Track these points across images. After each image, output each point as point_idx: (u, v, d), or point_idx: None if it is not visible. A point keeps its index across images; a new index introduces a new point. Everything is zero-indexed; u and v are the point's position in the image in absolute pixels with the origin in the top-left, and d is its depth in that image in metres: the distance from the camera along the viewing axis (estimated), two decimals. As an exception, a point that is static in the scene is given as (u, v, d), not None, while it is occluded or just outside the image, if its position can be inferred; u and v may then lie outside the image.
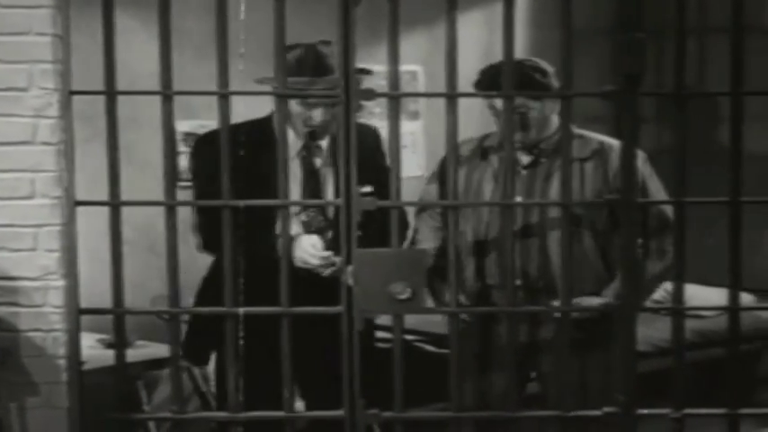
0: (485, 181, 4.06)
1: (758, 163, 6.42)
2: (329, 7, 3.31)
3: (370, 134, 3.91)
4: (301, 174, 3.84)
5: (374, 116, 5.43)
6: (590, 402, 3.43)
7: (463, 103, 3.19)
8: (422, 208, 4.16)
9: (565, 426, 3.27)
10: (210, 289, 3.74)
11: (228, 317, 3.20)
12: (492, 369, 3.99)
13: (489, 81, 3.87)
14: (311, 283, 3.69)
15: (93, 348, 4.74)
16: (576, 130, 3.95)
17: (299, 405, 3.83)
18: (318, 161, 3.88)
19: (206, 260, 5.74)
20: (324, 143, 3.90)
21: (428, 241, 4.03)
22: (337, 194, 3.40)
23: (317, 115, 3.79)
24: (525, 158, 4.04)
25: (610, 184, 3.95)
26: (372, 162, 3.62)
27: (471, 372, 4.00)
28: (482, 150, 4.12)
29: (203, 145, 3.83)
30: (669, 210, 3.65)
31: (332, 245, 3.81)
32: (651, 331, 5.89)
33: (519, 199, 3.78)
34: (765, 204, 3.25)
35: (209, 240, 3.70)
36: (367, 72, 3.68)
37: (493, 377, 3.99)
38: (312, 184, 3.86)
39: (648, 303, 4.12)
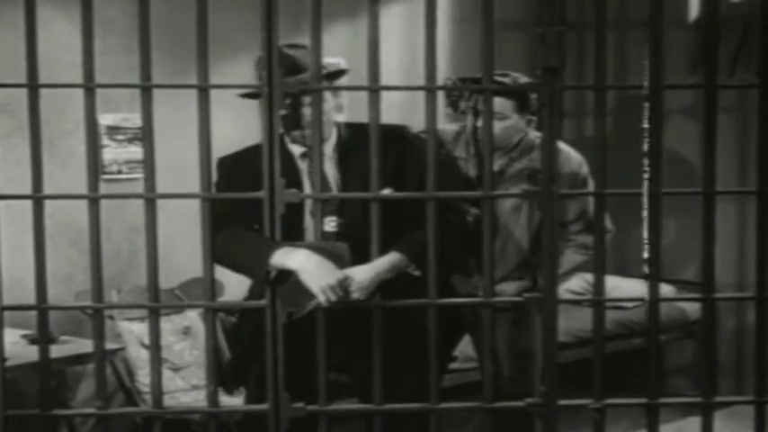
0: None
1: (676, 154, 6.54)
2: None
3: (396, 135, 3.67)
4: (308, 177, 3.68)
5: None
6: None
7: (386, 96, 3.21)
8: None
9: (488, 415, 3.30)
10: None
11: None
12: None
13: None
14: None
15: (17, 344, 4.70)
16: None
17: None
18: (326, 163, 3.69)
19: (131, 254, 5.75)
20: (329, 143, 3.71)
21: None
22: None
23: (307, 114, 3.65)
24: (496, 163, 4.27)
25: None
26: (395, 164, 3.55)
27: None
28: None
29: (226, 164, 3.68)
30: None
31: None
32: (573, 322, 5.96)
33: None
34: (685, 196, 3.31)
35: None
36: (342, 72, 3.70)
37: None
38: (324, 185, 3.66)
39: (569, 295, 4.21)
